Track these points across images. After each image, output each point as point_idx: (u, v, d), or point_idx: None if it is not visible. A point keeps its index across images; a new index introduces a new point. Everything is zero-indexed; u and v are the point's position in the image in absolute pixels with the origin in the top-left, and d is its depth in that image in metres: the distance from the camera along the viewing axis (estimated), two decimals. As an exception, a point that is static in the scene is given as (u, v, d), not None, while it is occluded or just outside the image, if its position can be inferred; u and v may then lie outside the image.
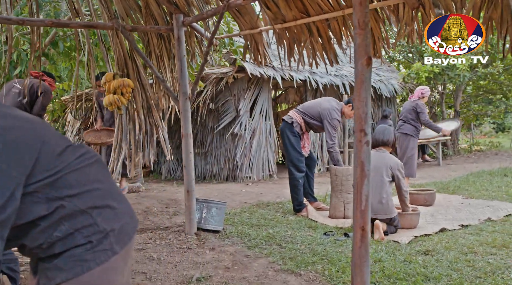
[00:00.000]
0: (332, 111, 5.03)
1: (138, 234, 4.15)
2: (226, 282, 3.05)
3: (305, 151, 5.30)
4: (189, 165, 3.98)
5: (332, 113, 5.01)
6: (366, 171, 2.30)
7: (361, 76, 2.27)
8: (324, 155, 9.97)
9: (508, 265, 3.21)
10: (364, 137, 2.29)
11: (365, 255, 2.31)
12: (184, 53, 3.88)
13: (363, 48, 2.25)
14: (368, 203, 2.31)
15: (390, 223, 4.09)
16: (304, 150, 5.29)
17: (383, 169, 4.15)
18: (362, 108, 2.29)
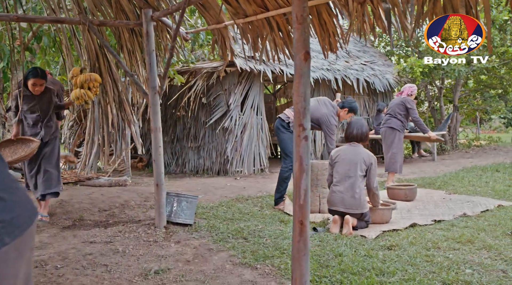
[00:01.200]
0: (330, 118, 5.11)
1: (110, 227, 4.21)
2: (184, 274, 3.09)
3: None
4: (158, 159, 4.01)
5: (330, 120, 5.11)
6: (304, 166, 2.31)
7: (299, 70, 2.27)
8: (317, 150, 9.96)
9: (467, 261, 3.20)
10: (303, 132, 2.29)
11: (304, 249, 2.32)
12: (153, 47, 3.89)
13: (301, 42, 2.26)
14: (307, 198, 2.32)
15: (361, 219, 4.09)
16: None
17: (357, 164, 4.14)
18: (301, 102, 2.29)
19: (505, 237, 3.80)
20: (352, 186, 4.08)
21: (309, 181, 2.33)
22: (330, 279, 2.90)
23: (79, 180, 6.47)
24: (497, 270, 3.01)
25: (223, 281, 2.95)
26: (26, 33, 5.59)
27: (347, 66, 10.11)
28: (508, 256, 3.28)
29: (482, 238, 3.77)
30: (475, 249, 3.48)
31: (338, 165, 4.21)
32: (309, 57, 2.26)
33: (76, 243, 3.78)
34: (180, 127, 10.22)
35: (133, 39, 4.21)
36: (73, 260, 3.37)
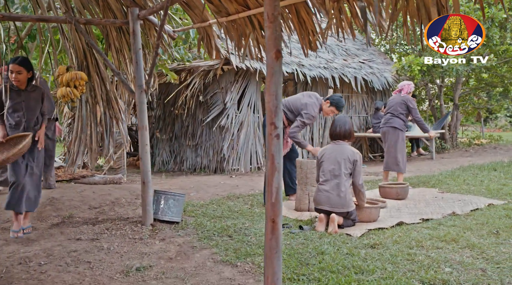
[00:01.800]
0: (310, 107, 5.05)
1: (98, 225, 4.23)
2: (164, 272, 3.11)
3: (287, 146, 5.33)
4: (144, 157, 4.03)
5: (310, 108, 5.04)
6: (276, 164, 2.32)
7: (270, 69, 2.28)
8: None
9: (448, 259, 3.20)
10: (274, 130, 2.30)
11: (276, 247, 2.33)
12: (140, 46, 3.91)
13: (272, 41, 2.26)
14: (279, 196, 2.33)
15: (347, 217, 4.09)
16: (287, 144, 5.32)
17: (342, 162, 4.14)
18: (272, 101, 2.30)
19: (490, 236, 3.79)
20: (338, 185, 4.08)
21: (281, 179, 2.34)
22: (308, 277, 2.91)
23: (74, 178, 6.51)
24: (476, 269, 3.01)
25: (202, 278, 2.97)
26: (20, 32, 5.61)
27: (345, 64, 10.09)
28: (489, 255, 3.28)
29: (467, 237, 3.76)
30: (458, 248, 3.48)
31: (323, 164, 4.21)
32: (281, 55, 2.27)
33: (63, 240, 3.81)
34: (178, 125, 10.25)
35: (121, 37, 4.23)
36: (58, 257, 3.41)
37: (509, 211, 4.67)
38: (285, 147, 5.34)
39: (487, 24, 10.11)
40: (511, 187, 6.18)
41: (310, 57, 9.69)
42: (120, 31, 4.23)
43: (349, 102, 10.49)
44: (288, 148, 5.36)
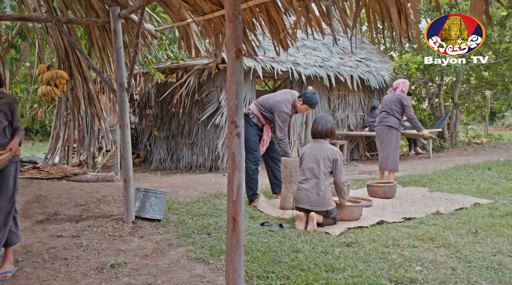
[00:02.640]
0: (281, 104, 5.00)
1: (81, 222, 4.27)
2: (138, 269, 3.14)
3: (264, 144, 5.31)
4: (126, 155, 4.06)
5: (281, 106, 4.99)
6: (237, 163, 2.34)
7: (231, 68, 2.30)
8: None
9: (420, 258, 3.20)
10: (235, 129, 2.32)
11: (237, 245, 2.35)
12: (121, 45, 3.94)
13: (232, 40, 2.28)
14: (240, 194, 2.35)
15: (326, 215, 4.10)
16: (263, 143, 5.30)
17: (321, 161, 4.15)
18: (233, 100, 2.32)
19: (468, 235, 3.79)
20: (317, 183, 4.09)
21: (242, 177, 2.36)
22: (277, 275, 2.93)
23: (66, 175, 6.56)
24: (447, 267, 3.01)
25: (174, 275, 3.00)
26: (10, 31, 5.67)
27: (341, 62, 10.07)
28: (463, 254, 3.27)
29: (445, 236, 3.76)
30: (434, 247, 3.48)
31: (303, 162, 4.23)
32: (241, 54, 2.29)
33: (44, 237, 3.86)
34: (175, 124, 10.30)
35: (104, 36, 4.26)
36: (36, 253, 3.45)
37: (494, 210, 4.66)
38: (262, 145, 5.32)
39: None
40: (502, 186, 6.16)
41: (306, 56, 9.68)
42: (103, 30, 4.27)
43: (345, 100, 10.48)
44: (266, 146, 5.32)
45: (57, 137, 4.24)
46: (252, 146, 5.15)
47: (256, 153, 5.20)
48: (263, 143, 5.32)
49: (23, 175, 6.19)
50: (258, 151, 5.26)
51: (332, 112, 10.26)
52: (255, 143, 5.18)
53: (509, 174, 7.27)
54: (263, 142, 5.32)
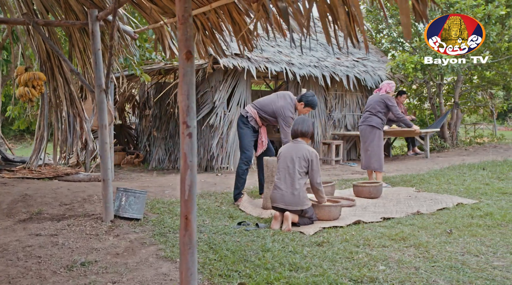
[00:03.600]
0: (286, 109, 5.11)
1: (62, 221, 4.34)
2: (107, 267, 3.19)
3: (262, 146, 5.38)
4: (104, 155, 4.12)
5: (286, 111, 5.11)
6: (188, 163, 2.37)
7: (182, 69, 2.33)
8: (306, 146, 9.95)
9: (387, 258, 3.21)
10: (187, 129, 2.35)
11: (189, 243, 2.39)
12: (99, 47, 4.00)
13: (183, 42, 2.32)
14: (192, 193, 2.38)
15: (302, 215, 4.12)
16: (262, 144, 5.38)
17: (296, 160, 4.17)
18: (184, 101, 2.35)
19: (442, 235, 3.79)
20: (292, 183, 4.11)
21: (193, 177, 2.39)
22: (240, 273, 2.96)
23: (58, 175, 6.66)
24: (411, 267, 3.02)
25: (139, 273, 3.05)
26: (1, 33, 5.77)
27: (337, 62, 10.07)
28: (431, 254, 3.28)
29: (418, 235, 3.76)
30: (404, 247, 3.49)
31: (280, 162, 4.26)
32: (192, 56, 2.32)
33: (22, 236, 3.93)
34: (172, 124, 10.38)
35: (84, 38, 4.32)
36: (12, 251, 3.51)
37: (476, 210, 4.65)
38: (260, 147, 5.38)
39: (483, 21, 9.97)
40: (492, 186, 6.12)
41: (302, 56, 9.69)
42: (84, 32, 4.33)
43: (342, 100, 10.47)
44: (264, 148, 5.40)
45: (41, 138, 4.32)
46: (246, 146, 5.23)
47: (249, 153, 5.28)
48: (261, 145, 5.39)
49: (15, 175, 6.29)
50: (251, 152, 5.34)
51: (329, 112, 10.26)
52: (250, 143, 5.27)
53: (502, 174, 7.23)
54: (262, 144, 5.39)
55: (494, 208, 4.69)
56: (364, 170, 6.67)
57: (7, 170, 6.34)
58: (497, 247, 3.40)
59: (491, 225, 4.04)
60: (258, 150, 5.37)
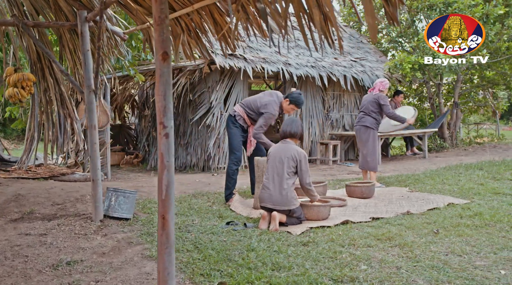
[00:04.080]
0: (270, 106, 5.10)
1: (53, 221, 4.38)
2: (92, 266, 3.22)
3: (251, 145, 5.39)
4: (93, 155, 4.15)
5: (269, 108, 5.09)
6: (165, 163, 2.39)
7: (158, 70, 2.35)
8: (304, 146, 9.96)
9: (370, 257, 3.22)
10: (163, 129, 2.37)
11: (166, 243, 2.41)
12: (88, 47, 4.03)
13: (159, 43, 2.34)
14: (169, 193, 2.40)
15: (290, 215, 4.14)
16: (251, 144, 5.39)
17: (285, 161, 4.19)
18: (161, 101, 2.37)
19: (428, 235, 3.79)
20: (280, 183, 4.13)
21: (170, 177, 2.41)
22: (222, 272, 2.98)
23: (54, 175, 6.71)
24: (392, 267, 3.03)
25: (123, 273, 3.07)
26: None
27: (334, 62, 10.07)
28: (415, 253, 3.28)
29: (405, 235, 3.77)
30: (389, 246, 3.49)
31: (268, 162, 4.27)
32: (168, 57, 2.34)
33: (12, 235, 3.97)
34: (170, 124, 10.40)
35: (74, 39, 4.35)
36: (0, 251, 3.55)
37: (466, 210, 4.64)
38: (249, 146, 5.41)
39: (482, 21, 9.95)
40: (486, 186, 6.11)
41: (299, 56, 9.71)
42: (74, 33, 4.37)
43: (340, 100, 10.47)
44: (253, 147, 5.42)
45: (32, 138, 4.36)
46: (235, 146, 5.25)
47: (239, 153, 5.29)
48: (250, 144, 5.40)
49: (10, 175, 6.34)
50: (241, 152, 5.36)
51: (326, 112, 10.26)
52: (239, 143, 5.28)
53: (498, 174, 7.21)
54: (251, 143, 5.40)
55: (484, 208, 4.69)
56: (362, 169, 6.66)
57: (3, 170, 6.39)
58: (482, 247, 3.41)
59: (479, 225, 4.04)
60: (247, 149, 5.39)
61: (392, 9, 2.02)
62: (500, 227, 3.94)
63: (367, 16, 1.76)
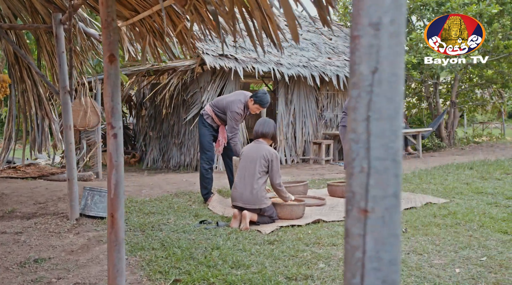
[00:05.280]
0: (234, 104, 5.11)
1: (31, 219, 4.46)
2: (58, 263, 3.29)
3: (219, 145, 5.41)
4: (69, 155, 4.23)
5: (233, 106, 5.10)
6: (114, 162, 2.45)
7: (106, 72, 2.41)
8: (297, 146, 9.99)
9: (331, 255, 3.25)
10: (111, 130, 2.43)
11: (115, 241, 2.46)
12: (63, 49, 4.11)
13: (106, 46, 2.40)
14: (117, 192, 2.46)
15: (261, 214, 4.18)
16: (218, 143, 5.41)
17: (257, 160, 4.23)
18: (109, 102, 2.43)
19: (396, 234, 3.80)
20: (251, 182, 4.17)
21: (119, 176, 2.47)
22: (181, 270, 3.03)
23: (43, 175, 6.81)
24: (350, 265, 3.05)
25: (86, 270, 3.14)
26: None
27: (328, 62, 10.08)
28: (376, 253, 3.30)
29: (372, 234, 3.78)
30: (353, 245, 3.51)
31: (241, 161, 4.32)
32: (115, 59, 2.40)
33: (-12, 233, 4.05)
34: (166, 124, 10.50)
35: (52, 41, 4.43)
36: (-27, 248, 3.64)
37: (442, 209, 4.65)
38: (217, 146, 5.42)
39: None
40: (471, 186, 6.12)
41: (291, 56, 9.73)
42: (52, 35, 4.44)
43: (334, 100, 10.48)
44: (221, 146, 5.42)
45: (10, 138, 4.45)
46: (205, 146, 5.29)
47: (210, 153, 5.33)
48: (218, 143, 5.43)
49: (1, 175, 6.45)
50: (212, 151, 5.39)
51: (320, 112, 10.28)
52: (209, 143, 5.31)
53: (488, 173, 7.20)
54: (219, 142, 5.43)
55: (461, 208, 4.69)
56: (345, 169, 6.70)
57: (-8, 170, 6.50)
58: (444, 246, 3.42)
59: (449, 224, 4.05)
60: (216, 148, 5.41)
61: (323, 12, 2.06)
62: (469, 226, 3.95)
63: (287, 18, 1.80)
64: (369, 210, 0.70)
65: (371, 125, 0.69)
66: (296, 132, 9.92)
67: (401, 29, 0.70)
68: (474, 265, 3.00)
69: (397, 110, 0.70)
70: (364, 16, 0.70)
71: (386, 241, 0.70)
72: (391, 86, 0.69)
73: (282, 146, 9.72)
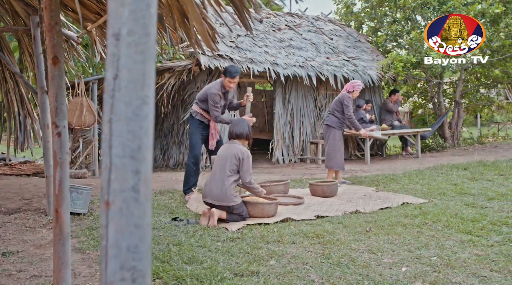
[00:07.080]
0: (211, 87, 5.32)
1: (12, 215, 4.63)
2: (24, 257, 3.42)
3: (213, 138, 5.52)
4: (47, 153, 4.37)
5: (210, 89, 5.31)
6: (58, 160, 2.56)
7: (50, 74, 2.53)
8: (295, 145, 10.03)
9: (284, 253, 3.31)
10: (56, 129, 2.54)
11: (60, 235, 2.57)
12: (40, 51, 4.26)
13: (50, 48, 2.51)
14: (62, 188, 2.57)
15: (230, 211, 4.26)
16: (212, 137, 5.52)
17: (228, 159, 4.31)
18: (53, 102, 2.54)
19: (360, 233, 3.85)
20: (222, 180, 4.26)
21: (63, 173, 2.58)
22: (135, 265, 3.12)
23: (38, 172, 7.01)
24: (300, 262, 3.12)
25: (47, 263, 3.26)
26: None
27: (325, 62, 10.09)
28: (332, 250, 3.36)
29: (336, 233, 3.83)
30: (312, 243, 3.57)
31: (215, 160, 4.42)
32: (59, 61, 2.51)
33: (-32, 228, 4.23)
34: (166, 123, 10.66)
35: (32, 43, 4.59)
36: (-50, 241, 3.81)
37: (416, 210, 4.66)
38: (211, 139, 5.52)
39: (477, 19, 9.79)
40: (457, 186, 6.08)
41: (289, 56, 9.78)
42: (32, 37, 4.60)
43: (332, 100, 10.46)
44: (215, 140, 5.52)
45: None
46: (193, 144, 5.42)
47: (196, 151, 5.44)
48: (212, 137, 5.53)
49: (-4, 172, 6.67)
50: (199, 150, 5.50)
51: (318, 112, 10.30)
52: (197, 141, 5.43)
53: (481, 174, 7.12)
54: (212, 136, 5.53)
55: (436, 208, 4.69)
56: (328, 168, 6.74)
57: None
58: (401, 245, 3.45)
59: (416, 224, 4.06)
60: (209, 142, 5.50)
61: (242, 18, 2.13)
62: (435, 227, 3.96)
63: (196, 23, 1.87)
64: (110, 202, 0.78)
65: (113, 126, 0.77)
66: (294, 132, 9.95)
67: (141, 39, 0.77)
68: (422, 265, 3.02)
69: (135, 112, 0.77)
70: (109, 27, 0.77)
71: (124, 230, 0.78)
72: (129, 91, 0.77)
73: (279, 146, 9.77)
